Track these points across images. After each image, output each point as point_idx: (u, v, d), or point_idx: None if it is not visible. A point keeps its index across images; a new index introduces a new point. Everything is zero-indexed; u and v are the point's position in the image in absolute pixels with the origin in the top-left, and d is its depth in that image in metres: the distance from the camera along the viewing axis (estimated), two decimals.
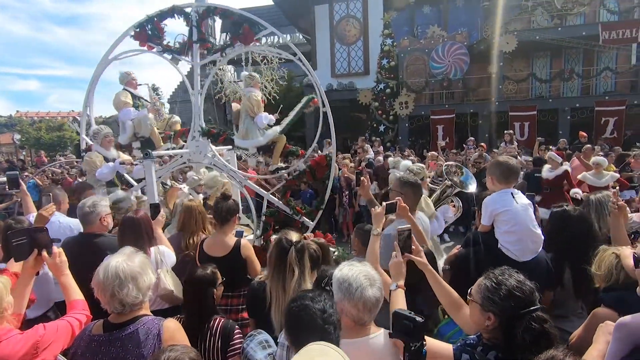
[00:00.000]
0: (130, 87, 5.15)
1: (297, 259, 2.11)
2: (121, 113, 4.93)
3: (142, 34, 4.73)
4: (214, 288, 2.11)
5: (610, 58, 16.61)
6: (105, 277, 1.58)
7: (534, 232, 2.12)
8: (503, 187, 2.21)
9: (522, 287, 1.40)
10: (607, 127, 14.30)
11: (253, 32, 4.50)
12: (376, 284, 1.58)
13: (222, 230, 2.80)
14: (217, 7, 4.62)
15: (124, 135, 5.03)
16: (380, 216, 2.21)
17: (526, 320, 1.33)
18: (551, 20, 15.74)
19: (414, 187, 2.69)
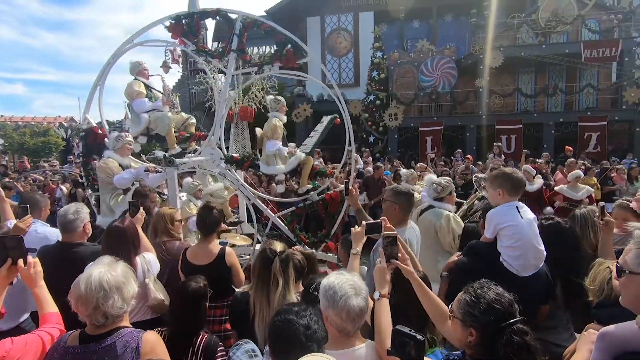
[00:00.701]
0: (142, 77, 4.92)
1: (281, 269, 2.07)
2: (135, 104, 4.70)
3: (177, 27, 4.59)
4: (207, 301, 2.06)
5: (592, 75, 17.16)
6: (89, 289, 1.50)
7: (538, 248, 2.10)
8: (510, 200, 2.17)
9: (500, 299, 1.38)
10: (590, 142, 14.72)
11: (296, 56, 4.49)
12: (362, 293, 1.55)
13: (206, 238, 2.75)
14: (265, 22, 4.59)
15: (135, 128, 4.79)
16: (360, 235, 2.15)
17: (507, 333, 1.32)
18: (535, 37, 16.24)
19: (408, 196, 2.67)
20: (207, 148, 4.67)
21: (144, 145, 5.20)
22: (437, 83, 17.07)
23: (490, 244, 2.21)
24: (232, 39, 4.61)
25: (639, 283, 1.27)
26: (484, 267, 2.10)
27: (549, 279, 2.17)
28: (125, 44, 4.75)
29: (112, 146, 4.36)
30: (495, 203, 2.23)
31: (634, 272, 1.29)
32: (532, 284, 2.11)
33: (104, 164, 4.21)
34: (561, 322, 2.24)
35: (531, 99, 17.40)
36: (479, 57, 16.18)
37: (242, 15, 4.55)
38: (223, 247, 2.75)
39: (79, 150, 11.51)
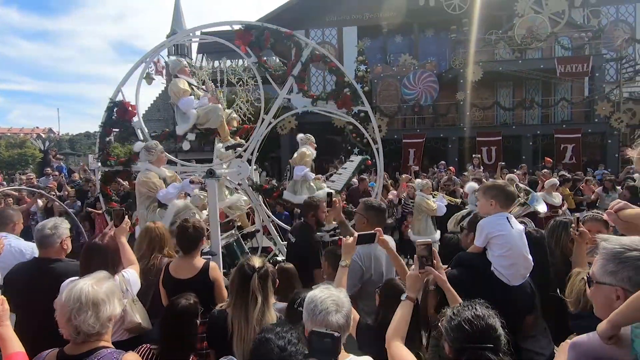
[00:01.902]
0: (184, 75, 4.83)
1: (260, 286, 2.01)
2: (182, 102, 4.60)
3: (246, 35, 4.59)
4: (197, 320, 2.00)
5: (566, 89, 17.92)
6: (67, 299, 1.48)
7: (527, 257, 2.15)
8: (501, 211, 2.21)
9: (475, 321, 1.35)
10: (566, 153, 15.27)
11: (351, 102, 4.64)
12: (342, 310, 1.53)
13: (188, 253, 2.67)
14: (332, 61, 4.67)
15: (183, 125, 4.67)
16: (351, 247, 2.16)
17: (468, 354, 1.31)
18: (512, 53, 16.89)
19: (377, 211, 2.71)
20: (236, 160, 4.70)
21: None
22: (420, 96, 17.48)
23: (479, 255, 2.24)
24: (296, 65, 4.69)
25: (606, 293, 1.30)
26: (473, 278, 2.12)
27: (533, 288, 2.21)
28: (184, 33, 4.90)
29: (145, 159, 4.18)
30: (486, 213, 2.27)
31: (600, 282, 1.32)
32: (520, 294, 2.15)
33: (146, 179, 4.02)
34: (540, 330, 2.28)
35: (509, 112, 17.99)
36: (459, 71, 16.68)
37: (314, 47, 4.67)
38: (207, 261, 2.68)
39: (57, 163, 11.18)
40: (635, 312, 1.20)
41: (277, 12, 20.20)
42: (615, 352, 1.24)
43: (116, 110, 4.85)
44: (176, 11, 38.03)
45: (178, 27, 37.24)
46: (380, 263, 2.69)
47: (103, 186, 4.99)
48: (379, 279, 2.63)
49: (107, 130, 4.93)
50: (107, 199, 5.03)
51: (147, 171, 4.08)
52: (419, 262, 1.84)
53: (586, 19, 18.32)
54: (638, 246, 1.30)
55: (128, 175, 4.92)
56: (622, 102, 15.24)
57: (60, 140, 46.89)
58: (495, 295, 1.85)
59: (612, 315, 1.25)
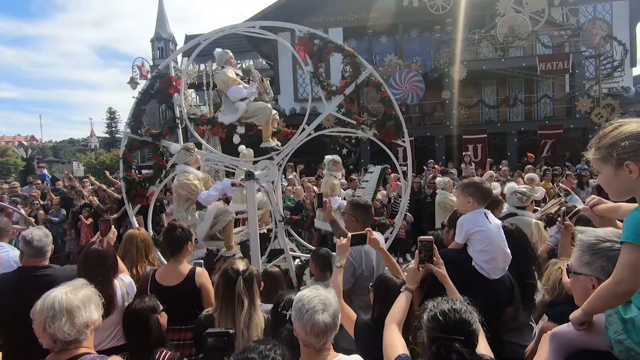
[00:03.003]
0: (230, 66, 4.81)
1: (245, 288, 2.00)
2: (231, 91, 4.56)
3: (308, 43, 4.61)
4: (157, 314, 1.99)
5: (547, 87, 18.31)
6: (41, 308, 1.48)
7: (506, 251, 2.22)
8: (478, 208, 2.28)
9: (450, 314, 1.38)
10: (545, 148, 15.63)
11: (394, 135, 4.81)
12: (329, 310, 1.56)
13: (175, 259, 2.65)
14: (385, 91, 4.71)
15: (231, 115, 4.62)
16: (345, 248, 2.19)
17: (438, 344, 1.35)
18: (495, 52, 17.20)
19: (365, 209, 2.74)
20: (264, 162, 4.73)
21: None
22: (406, 96, 17.65)
23: (460, 251, 2.29)
24: (349, 85, 4.71)
25: (583, 283, 1.36)
26: (455, 274, 2.17)
27: (512, 281, 2.28)
28: (241, 24, 5.15)
29: (182, 160, 4.14)
30: (464, 210, 2.33)
31: (577, 273, 1.39)
32: (499, 287, 2.22)
33: (187, 181, 3.97)
34: (523, 323, 2.35)
35: (494, 110, 18.31)
36: (444, 71, 16.91)
37: (372, 72, 4.68)
38: (193, 267, 2.66)
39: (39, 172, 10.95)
40: (603, 301, 1.25)
41: (263, 13, 20.17)
42: (592, 339, 1.31)
43: (160, 82, 4.79)
44: (160, 15, 37.72)
45: (162, 30, 36.96)
46: (370, 258, 2.75)
47: (127, 152, 4.90)
48: (371, 274, 2.68)
49: (146, 98, 4.86)
50: (126, 166, 4.96)
51: (186, 173, 4.03)
52: (419, 258, 1.92)
53: (565, 17, 18.76)
54: (611, 237, 1.36)
55: (155, 149, 4.82)
56: (602, 98, 15.65)
57: (44, 148, 45.94)
58: (477, 289, 1.91)
59: (585, 304, 1.31)
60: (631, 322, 1.22)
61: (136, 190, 4.78)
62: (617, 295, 1.22)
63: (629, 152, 1.22)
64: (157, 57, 35.84)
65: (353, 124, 4.91)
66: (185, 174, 4.02)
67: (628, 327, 1.22)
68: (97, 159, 33.23)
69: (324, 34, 4.77)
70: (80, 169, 21.77)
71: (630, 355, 1.20)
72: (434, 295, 1.56)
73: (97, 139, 49.13)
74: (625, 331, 1.22)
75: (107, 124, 44.75)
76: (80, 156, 39.03)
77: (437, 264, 1.92)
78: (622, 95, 17.15)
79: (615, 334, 1.24)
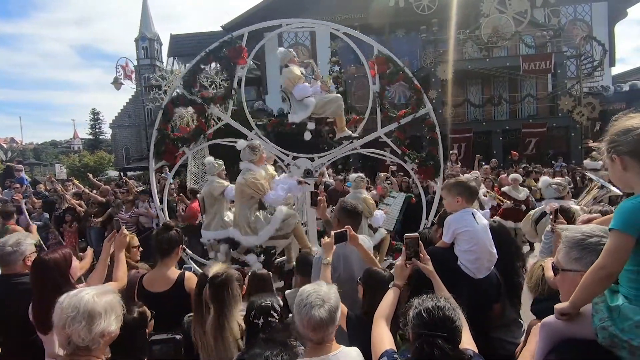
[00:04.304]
0: (293, 64, 4.76)
1: (213, 295, 1.92)
2: (297, 89, 4.53)
3: (382, 65, 4.87)
4: (145, 329, 1.94)
5: (531, 86, 18.68)
6: (67, 305, 1.45)
7: (491, 251, 2.24)
8: (466, 207, 2.30)
9: (434, 311, 1.41)
10: (530, 146, 15.97)
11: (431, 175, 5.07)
12: (326, 305, 1.60)
13: (163, 263, 2.56)
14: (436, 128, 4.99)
15: (301, 113, 4.60)
16: (330, 245, 2.24)
17: (421, 340, 1.38)
18: (480, 52, 17.47)
19: (350, 214, 2.81)
20: (303, 160, 4.89)
21: None
22: (394, 95, 17.78)
23: (447, 249, 2.32)
24: (407, 115, 4.98)
25: (571, 279, 1.40)
26: (442, 272, 2.19)
27: (498, 279, 2.31)
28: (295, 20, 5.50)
29: (247, 158, 4.06)
30: (453, 209, 2.35)
31: (565, 270, 1.42)
32: (486, 285, 2.25)
33: (254, 180, 3.87)
34: (511, 320, 2.39)
35: (479, 109, 18.59)
36: (430, 70, 17.08)
37: (429, 112, 5.00)
38: (182, 272, 2.58)
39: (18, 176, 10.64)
40: (588, 287, 1.30)
41: (250, 12, 20.08)
42: (579, 328, 1.35)
43: (230, 50, 4.73)
44: (144, 14, 37.09)
45: (147, 30, 36.35)
46: (350, 262, 2.74)
47: (170, 105, 4.84)
48: (349, 278, 2.66)
49: (210, 59, 4.81)
50: (164, 119, 4.89)
51: (251, 171, 3.96)
52: (406, 254, 1.96)
53: (547, 18, 19.19)
54: (597, 233, 1.42)
55: (201, 112, 4.78)
56: (583, 97, 16.05)
57: (24, 150, 44.71)
58: (463, 287, 1.94)
59: (572, 296, 1.36)
60: (617, 310, 1.27)
61: (167, 145, 4.72)
62: (601, 279, 1.27)
63: (615, 145, 1.29)
64: (142, 56, 35.24)
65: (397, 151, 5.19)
66: (250, 172, 3.95)
67: (613, 315, 1.27)
68: (80, 161, 32.48)
69: (398, 61, 4.95)
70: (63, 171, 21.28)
71: (614, 341, 1.25)
72: (421, 292, 1.58)
73: (81, 140, 48.08)
74: (611, 319, 1.27)
75: (90, 125, 43.85)
76: (63, 158, 38.11)
77: (424, 260, 1.97)
78: (602, 94, 17.61)
79: (600, 321, 1.29)
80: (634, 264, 1.26)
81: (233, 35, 4.86)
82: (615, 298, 1.31)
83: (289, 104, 4.83)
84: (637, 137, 1.25)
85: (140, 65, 31.70)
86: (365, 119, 5.40)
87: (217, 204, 4.73)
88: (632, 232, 1.22)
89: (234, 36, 4.86)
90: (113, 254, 2.50)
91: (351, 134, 4.97)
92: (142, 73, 30.42)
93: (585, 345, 1.32)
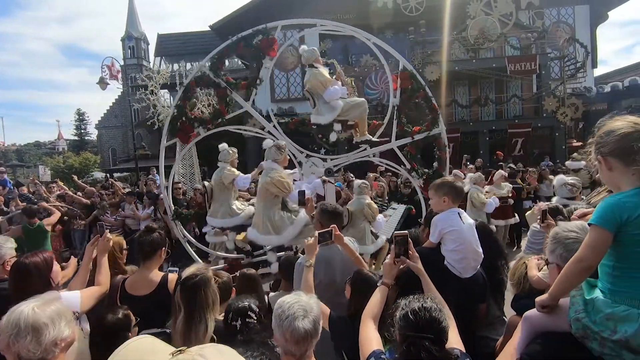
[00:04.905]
0: (319, 65, 4.77)
1: (183, 297, 1.87)
2: (328, 92, 4.54)
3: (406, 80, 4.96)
4: (129, 332, 1.90)
5: (516, 87, 19.00)
6: (6, 324, 1.40)
7: (477, 251, 2.26)
8: (452, 207, 2.32)
9: (420, 312, 1.41)
10: (517, 147, 16.25)
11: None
12: (310, 316, 1.53)
13: (145, 266, 2.50)
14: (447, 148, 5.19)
15: (329, 115, 4.62)
16: (313, 247, 2.22)
17: (408, 342, 1.39)
18: (467, 53, 17.70)
19: (332, 215, 2.81)
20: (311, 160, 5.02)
21: None
22: (382, 96, 17.89)
23: (433, 249, 2.33)
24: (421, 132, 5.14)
25: (552, 270, 1.49)
26: (429, 272, 2.21)
27: (485, 278, 2.34)
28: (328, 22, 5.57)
29: (272, 157, 4.08)
30: (439, 210, 2.37)
31: (548, 262, 1.53)
32: (473, 285, 2.27)
33: (281, 178, 3.88)
34: (495, 317, 2.42)
35: (466, 109, 18.84)
36: (418, 71, 17.23)
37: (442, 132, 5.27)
38: (165, 274, 2.53)
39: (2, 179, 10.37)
40: (567, 280, 1.36)
41: (238, 12, 19.95)
42: (557, 321, 1.41)
43: (262, 40, 4.69)
44: (130, 13, 36.56)
45: (133, 29, 35.84)
46: (332, 267, 2.72)
47: (193, 83, 4.82)
48: (330, 282, 2.66)
49: (239, 45, 4.77)
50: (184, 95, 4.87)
51: (276, 170, 3.97)
52: (395, 252, 1.95)
53: (531, 20, 19.53)
54: (573, 229, 1.49)
55: (223, 96, 4.78)
56: (567, 98, 16.40)
57: (7, 152, 43.56)
58: (450, 287, 1.96)
59: (551, 288, 1.42)
60: (591, 302, 1.32)
61: (182, 124, 4.68)
62: (579, 272, 1.33)
63: (599, 147, 1.35)
64: (129, 56, 34.71)
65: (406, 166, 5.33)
66: (276, 171, 3.97)
67: (588, 307, 1.33)
68: (65, 163, 31.83)
69: (421, 79, 5.13)
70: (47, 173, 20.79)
71: (586, 332, 1.30)
72: (409, 292, 1.59)
73: (65, 141, 47.12)
74: (585, 311, 1.32)
75: (75, 125, 42.97)
76: (46, 160, 37.26)
77: (413, 258, 1.96)
78: (585, 95, 18.02)
79: (575, 313, 1.35)
80: (610, 259, 1.31)
81: (267, 26, 4.95)
82: (592, 291, 1.36)
83: (312, 104, 4.85)
84: (618, 137, 1.29)
85: (127, 65, 31.20)
86: (383, 125, 5.51)
87: (226, 192, 4.78)
88: (609, 228, 1.26)
89: (268, 27, 4.96)
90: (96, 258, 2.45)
91: (371, 139, 5.07)
92: (128, 73, 29.92)
93: (561, 337, 1.38)
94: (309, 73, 4.74)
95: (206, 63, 4.82)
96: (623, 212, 1.24)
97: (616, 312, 1.25)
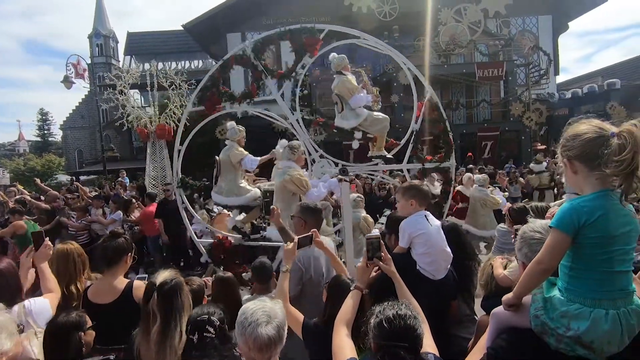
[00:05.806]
0: (347, 72, 4.80)
1: (161, 303, 1.81)
2: (355, 99, 4.70)
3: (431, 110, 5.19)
4: (81, 332, 1.81)
5: (485, 92, 19.76)
6: None
7: (446, 251, 2.28)
8: (419, 210, 2.32)
9: (395, 320, 1.39)
10: (486, 149, 16.88)
11: None
12: (274, 322, 1.49)
13: (109, 272, 2.38)
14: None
15: (353, 120, 4.78)
16: (291, 252, 2.17)
17: (383, 351, 1.37)
18: (439, 58, 18.22)
19: (314, 212, 2.77)
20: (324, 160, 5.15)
21: None
22: None
23: (405, 254, 2.31)
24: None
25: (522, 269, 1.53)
26: (403, 277, 2.21)
27: (454, 275, 2.39)
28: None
29: (287, 156, 4.13)
30: (407, 213, 2.36)
31: (518, 260, 1.59)
32: (444, 286, 2.29)
33: (300, 177, 3.88)
34: (464, 315, 2.48)
35: None
36: (393, 75, 17.57)
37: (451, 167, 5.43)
38: (130, 281, 2.42)
39: None
40: (528, 280, 1.42)
41: (212, 12, 19.64)
42: (520, 318, 1.48)
43: (309, 38, 4.78)
44: (98, 9, 35.19)
45: (101, 26, 34.52)
46: (319, 263, 2.73)
47: (232, 59, 4.88)
48: (319, 279, 2.66)
49: (287, 36, 4.84)
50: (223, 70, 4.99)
51: (294, 169, 4.03)
52: (367, 255, 1.92)
53: (499, 28, 20.38)
54: (537, 228, 1.55)
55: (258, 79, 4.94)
56: (532, 103, 17.20)
57: None
58: (422, 289, 1.98)
59: (515, 287, 1.48)
60: (550, 300, 1.39)
61: (212, 94, 4.73)
62: (538, 273, 1.38)
63: (565, 150, 1.39)
64: (96, 54, 33.36)
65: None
66: (294, 169, 4.04)
67: (547, 305, 1.39)
68: (26, 165, 30.09)
69: (444, 113, 5.47)
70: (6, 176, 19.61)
71: (544, 329, 1.37)
72: (384, 297, 1.57)
73: (27, 142, 44.63)
74: (544, 308, 1.39)
75: (38, 126, 40.68)
76: (5, 162, 35.12)
77: (386, 261, 1.94)
78: (548, 101, 18.96)
79: (535, 310, 1.41)
80: (568, 260, 1.37)
81: (315, 25, 5.08)
82: (551, 290, 1.43)
83: (340, 108, 5.01)
84: (583, 142, 1.32)
85: (95, 64, 29.96)
86: (399, 145, 5.90)
87: (232, 170, 4.85)
88: (567, 231, 1.31)
89: (316, 27, 5.07)
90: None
91: (386, 155, 5.28)
92: (96, 72, 28.74)
93: (523, 333, 1.44)
94: (338, 79, 4.94)
95: (249, 44, 4.97)
96: (581, 216, 1.29)
97: (570, 310, 1.32)
